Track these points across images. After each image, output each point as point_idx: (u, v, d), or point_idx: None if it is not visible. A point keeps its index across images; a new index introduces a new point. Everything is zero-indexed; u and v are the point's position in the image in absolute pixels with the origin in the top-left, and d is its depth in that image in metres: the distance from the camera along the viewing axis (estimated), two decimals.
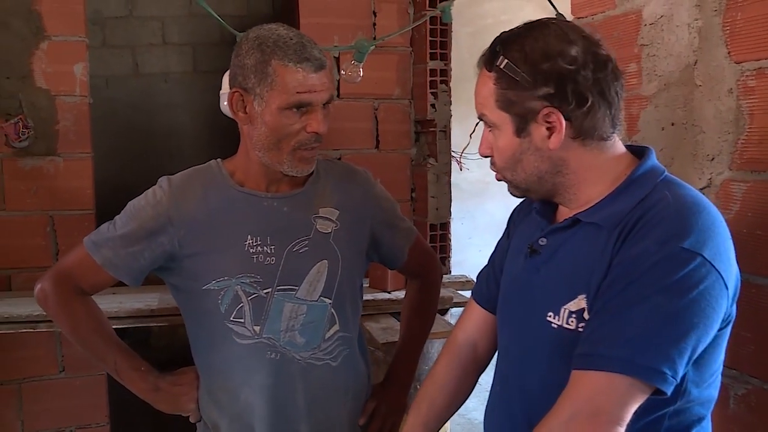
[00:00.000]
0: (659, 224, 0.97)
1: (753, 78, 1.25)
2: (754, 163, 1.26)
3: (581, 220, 1.07)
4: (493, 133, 1.10)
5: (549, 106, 1.02)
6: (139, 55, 3.47)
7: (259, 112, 1.33)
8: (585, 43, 1.03)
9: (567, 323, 1.03)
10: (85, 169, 2.27)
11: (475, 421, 3.80)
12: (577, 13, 1.69)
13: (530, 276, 1.12)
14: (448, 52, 2.50)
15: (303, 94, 1.31)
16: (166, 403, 1.47)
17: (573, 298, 1.03)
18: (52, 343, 2.27)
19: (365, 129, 2.54)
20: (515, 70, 1.02)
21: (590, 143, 1.05)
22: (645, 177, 1.05)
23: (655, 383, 0.93)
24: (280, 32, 1.33)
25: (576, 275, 1.03)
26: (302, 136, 1.34)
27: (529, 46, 1.03)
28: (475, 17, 4.41)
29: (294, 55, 1.30)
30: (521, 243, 1.19)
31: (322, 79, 1.32)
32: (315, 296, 1.42)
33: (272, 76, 1.30)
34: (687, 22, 1.38)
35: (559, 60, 1.01)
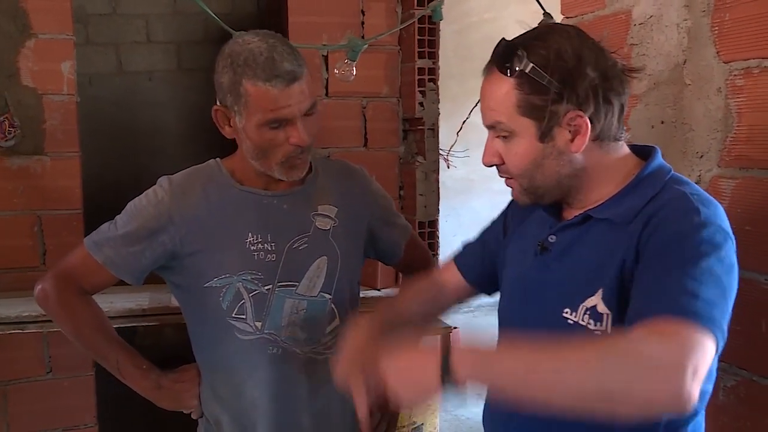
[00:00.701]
0: (688, 209, 0.99)
1: (741, 77, 1.28)
2: (742, 160, 1.28)
3: (593, 216, 1.08)
4: (507, 140, 1.08)
5: (574, 109, 1.02)
6: (123, 53, 3.44)
7: (241, 127, 1.35)
8: (597, 46, 1.06)
9: (582, 320, 1.04)
10: (72, 169, 2.25)
11: (462, 418, 3.83)
12: (566, 12, 1.71)
13: (541, 274, 1.13)
14: (436, 51, 2.51)
15: (277, 111, 1.30)
16: (168, 401, 1.48)
17: (591, 294, 1.04)
18: (39, 344, 2.25)
19: (353, 127, 2.55)
20: (541, 74, 1.01)
21: (606, 145, 1.07)
22: (653, 175, 1.07)
23: (719, 341, 0.90)
24: (251, 47, 1.31)
25: (593, 271, 1.04)
26: (286, 148, 1.34)
27: (552, 49, 1.02)
28: (460, 15, 4.43)
29: (263, 73, 1.29)
30: (525, 242, 1.20)
31: (296, 91, 1.31)
32: (315, 292, 1.44)
33: (245, 96, 1.31)
34: (676, 22, 1.40)
35: (585, 65, 1.02)
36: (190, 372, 1.50)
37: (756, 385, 1.26)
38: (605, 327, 1.03)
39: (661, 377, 0.84)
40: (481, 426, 1.27)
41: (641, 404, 0.86)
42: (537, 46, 1.03)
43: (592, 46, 1.05)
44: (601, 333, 1.03)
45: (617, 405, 0.86)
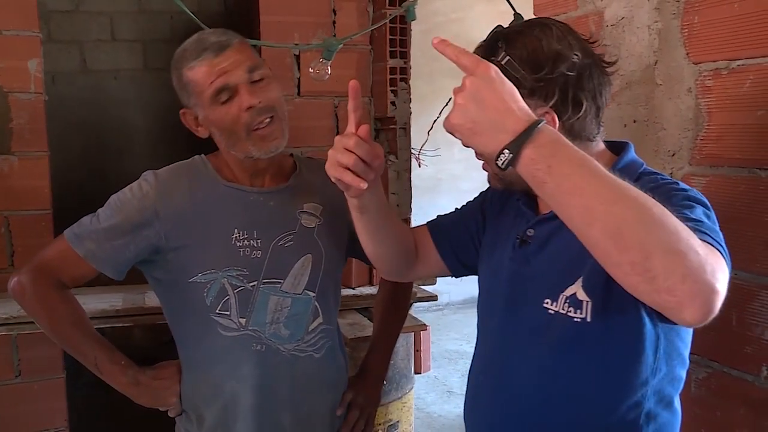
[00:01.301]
0: (667, 181, 1.02)
1: (710, 78, 1.33)
2: (712, 158, 1.33)
3: None
4: None
5: (544, 107, 1.04)
6: (87, 51, 3.38)
7: (203, 118, 1.39)
8: (583, 47, 1.07)
9: (562, 308, 1.06)
10: (41, 168, 2.21)
11: (434, 415, 3.86)
12: (539, 13, 1.74)
13: (519, 267, 1.15)
14: (407, 50, 2.53)
15: (215, 81, 1.34)
16: (147, 397, 1.47)
17: (570, 283, 1.06)
18: (7, 346, 2.19)
19: (326, 126, 2.55)
20: (516, 68, 1.02)
21: (578, 144, 1.05)
22: (626, 169, 1.09)
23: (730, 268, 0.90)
24: (184, 45, 1.40)
25: (572, 261, 1.06)
26: (244, 116, 1.36)
27: (531, 45, 1.04)
28: (427, 15, 4.47)
29: (192, 53, 1.36)
30: (501, 237, 1.22)
31: (229, 59, 1.35)
32: (299, 289, 1.45)
33: (190, 84, 1.37)
34: (647, 24, 1.44)
35: (560, 64, 1.03)
36: (170, 369, 1.49)
37: (726, 377, 1.31)
38: (585, 314, 1.04)
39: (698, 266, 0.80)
40: (453, 423, 1.28)
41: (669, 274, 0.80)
42: (517, 40, 1.05)
43: (575, 45, 1.06)
44: (580, 320, 1.05)
45: (646, 261, 0.80)
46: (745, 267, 1.26)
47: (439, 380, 4.59)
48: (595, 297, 1.04)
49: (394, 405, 2.27)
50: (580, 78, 1.05)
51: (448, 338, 5.35)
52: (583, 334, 1.05)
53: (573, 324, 1.05)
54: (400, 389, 2.30)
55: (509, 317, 1.16)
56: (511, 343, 1.16)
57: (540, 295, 1.10)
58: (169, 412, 1.51)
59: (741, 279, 1.27)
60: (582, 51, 1.06)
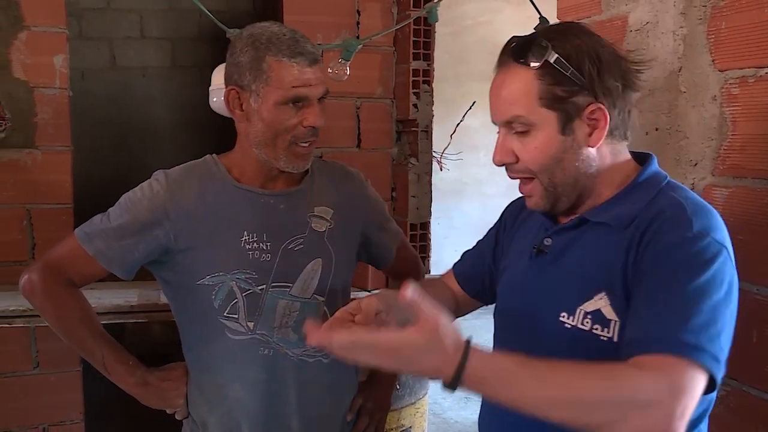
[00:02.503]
0: (681, 220, 1.00)
1: (736, 86, 1.28)
2: (736, 169, 1.29)
3: (589, 219, 1.08)
4: (524, 136, 1.07)
5: (595, 102, 1.04)
6: (116, 48, 3.42)
7: (255, 108, 1.35)
8: (609, 44, 1.09)
9: (582, 324, 1.04)
10: (63, 163, 2.23)
11: (450, 421, 3.83)
12: (562, 17, 1.71)
13: (536, 277, 1.13)
14: (431, 53, 2.50)
15: (299, 89, 1.32)
16: (154, 399, 1.46)
17: (590, 298, 1.04)
18: (26, 338, 2.22)
19: (347, 127, 2.54)
20: (566, 65, 1.03)
21: (616, 142, 1.09)
22: (649, 181, 1.08)
23: (716, 374, 0.94)
24: (273, 29, 1.35)
25: (591, 275, 1.04)
26: (299, 130, 1.35)
27: (573, 43, 1.05)
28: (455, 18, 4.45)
29: (288, 50, 1.32)
30: (523, 245, 1.20)
31: (316, 73, 1.34)
32: (308, 294, 1.43)
33: (267, 72, 1.32)
34: (672, 30, 1.41)
35: (603, 56, 1.04)
36: (178, 370, 1.48)
37: (746, 396, 1.27)
38: (612, 334, 1.02)
39: (651, 418, 0.89)
40: (470, 429, 1.27)
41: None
42: (560, 39, 1.05)
43: (606, 44, 1.08)
44: (607, 339, 1.03)
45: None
46: (767, 282, 1.22)
47: None
48: (622, 318, 1.02)
49: (406, 410, 2.24)
50: (624, 74, 1.07)
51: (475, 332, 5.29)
52: (608, 353, 1.02)
53: (599, 342, 1.03)
54: (413, 394, 2.27)
55: (525, 328, 1.15)
56: (527, 353, 1.13)
57: (555, 308, 1.08)
58: (176, 415, 1.51)
59: (762, 295, 1.23)
60: (616, 53, 1.08)
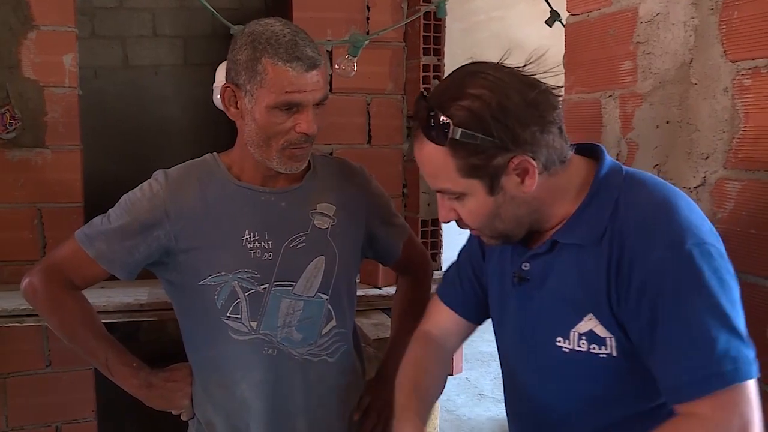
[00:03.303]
0: (655, 232, 0.98)
1: (748, 77, 1.25)
2: (748, 162, 1.25)
3: (558, 241, 1.07)
4: (459, 200, 1.06)
5: (516, 155, 1.00)
6: (129, 47, 3.43)
7: (249, 108, 1.32)
8: (516, 80, 1.01)
9: (578, 345, 1.04)
10: (74, 162, 2.24)
11: (463, 418, 3.81)
12: (572, 9, 1.68)
13: (524, 303, 1.13)
14: (441, 48, 2.49)
15: (292, 94, 1.29)
16: (158, 400, 1.45)
17: (580, 320, 1.04)
18: (38, 337, 2.24)
19: (357, 124, 2.53)
20: (472, 135, 0.98)
21: (554, 171, 1.04)
22: (608, 180, 1.06)
23: (753, 374, 0.94)
24: (274, 29, 1.31)
25: (576, 297, 1.04)
26: (291, 135, 1.32)
27: (473, 105, 0.98)
28: (467, 13, 4.41)
29: (285, 53, 1.28)
30: (500, 269, 1.19)
31: (313, 79, 1.30)
32: (312, 292, 1.42)
33: (262, 74, 1.29)
34: (683, 20, 1.37)
35: (508, 107, 0.98)
36: (182, 371, 1.47)
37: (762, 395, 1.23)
38: (610, 350, 1.03)
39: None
40: (483, 426, 1.27)
41: None
42: (457, 107, 0.99)
43: (513, 83, 1.00)
44: (607, 356, 1.03)
45: None
46: None
47: (470, 382, 4.53)
48: (616, 333, 1.02)
49: None
50: (536, 109, 1.00)
51: (482, 339, 5.23)
52: (610, 369, 1.04)
53: (599, 360, 1.04)
54: None
55: (528, 358, 1.15)
56: (531, 376, 1.15)
57: (550, 334, 1.08)
58: (181, 416, 1.49)
59: None
60: (518, 85, 1.01)
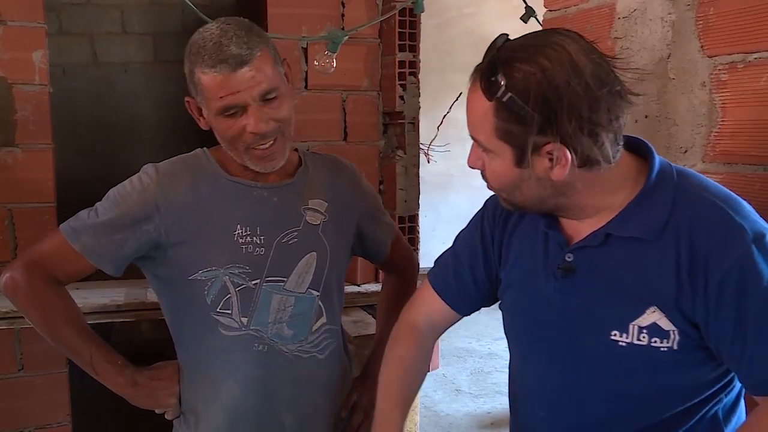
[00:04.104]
0: (727, 229, 0.97)
1: (725, 72, 1.27)
2: (726, 155, 1.28)
3: (613, 234, 1.04)
4: (487, 154, 1.03)
5: (554, 142, 0.96)
6: (97, 44, 3.37)
7: (207, 118, 1.34)
8: (594, 67, 0.96)
9: (638, 339, 1.02)
10: (45, 161, 2.19)
11: (441, 414, 3.83)
12: (549, 5, 1.69)
13: (571, 297, 1.09)
14: (417, 44, 2.49)
15: (226, 98, 1.27)
16: (144, 399, 1.41)
17: (641, 313, 1.02)
18: (10, 340, 2.19)
19: (333, 120, 2.52)
20: (519, 104, 0.94)
21: (596, 169, 1.00)
22: (661, 179, 1.04)
23: None
24: (204, 35, 1.29)
25: (636, 290, 1.02)
26: (246, 137, 1.31)
27: (536, 74, 0.94)
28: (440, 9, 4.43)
29: (209, 59, 1.26)
30: (529, 262, 1.15)
31: (246, 76, 1.26)
32: (303, 288, 1.41)
33: (198, 85, 1.30)
34: (660, 16, 1.39)
35: (567, 94, 0.93)
36: (168, 369, 1.44)
37: None
38: (672, 343, 1.01)
39: None
40: (461, 422, 1.26)
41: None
42: (520, 69, 0.94)
43: (587, 69, 0.95)
44: (667, 350, 1.02)
45: None
46: None
47: (447, 378, 4.55)
48: (680, 327, 1.01)
49: None
50: (588, 105, 0.94)
51: (458, 336, 5.29)
52: (668, 364, 1.02)
53: (659, 354, 1.02)
54: None
55: (566, 354, 1.10)
56: (576, 377, 1.10)
57: (604, 327, 1.04)
58: (166, 415, 1.47)
59: None
60: (593, 72, 0.95)
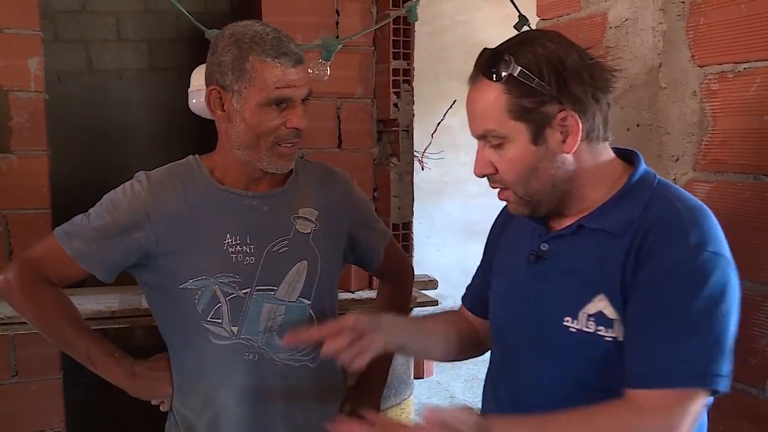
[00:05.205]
0: (675, 233, 1.00)
1: (715, 81, 1.29)
2: (717, 164, 1.29)
3: (585, 226, 1.08)
4: (499, 148, 1.07)
5: (564, 109, 1.03)
6: (92, 51, 3.38)
7: (237, 109, 1.32)
8: (578, 48, 1.07)
9: (586, 326, 1.05)
10: (40, 167, 2.19)
11: None
12: (542, 14, 1.71)
13: (537, 283, 1.13)
14: (411, 52, 2.50)
15: (282, 90, 1.30)
16: (142, 389, 1.44)
17: (590, 300, 1.05)
18: (4, 346, 2.19)
19: (327, 128, 2.52)
20: (530, 76, 1.02)
21: (595, 145, 1.08)
22: (642, 183, 1.08)
23: (721, 387, 0.97)
24: (256, 28, 1.32)
25: (589, 277, 1.05)
26: (282, 131, 1.33)
27: (538, 52, 1.03)
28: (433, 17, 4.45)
29: (272, 50, 1.29)
30: (516, 254, 1.19)
31: (300, 74, 1.32)
32: (294, 297, 1.41)
33: (251, 73, 1.29)
34: (652, 26, 1.41)
35: (568, 63, 1.03)
36: (164, 360, 1.46)
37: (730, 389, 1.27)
38: (616, 333, 1.04)
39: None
40: None
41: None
42: (523, 51, 1.04)
43: (574, 48, 1.06)
44: (612, 340, 1.04)
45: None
46: (749, 276, 1.22)
47: (441, 385, 4.55)
48: (621, 317, 1.03)
49: (392, 411, 2.24)
50: (592, 77, 1.05)
51: None
52: (613, 354, 1.04)
53: (604, 343, 1.05)
54: (398, 395, 2.27)
55: (528, 337, 1.15)
56: (532, 359, 1.14)
57: (560, 313, 1.09)
58: (161, 406, 1.48)
59: (745, 288, 1.22)
60: (582, 51, 1.06)
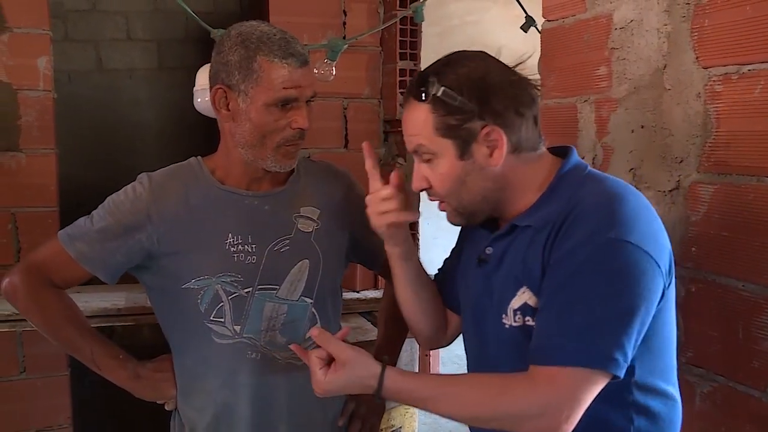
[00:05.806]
0: (586, 219, 1.04)
1: (720, 83, 1.29)
2: (720, 165, 1.29)
3: (517, 225, 1.14)
4: (431, 163, 1.13)
5: (488, 124, 1.08)
6: (102, 50, 3.40)
7: (243, 108, 1.33)
8: (502, 66, 1.13)
9: (515, 321, 1.11)
10: (48, 166, 2.22)
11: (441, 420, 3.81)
12: (547, 15, 1.71)
13: (483, 284, 1.19)
14: (417, 53, 2.51)
15: (289, 90, 1.31)
16: (147, 391, 1.45)
17: (515, 295, 1.10)
18: (12, 343, 2.21)
19: (334, 128, 2.54)
20: (453, 95, 1.08)
21: (524, 155, 1.13)
22: (569, 176, 1.13)
23: (610, 370, 0.99)
24: (263, 29, 1.34)
25: (517, 274, 1.11)
26: (287, 132, 1.34)
27: (460, 72, 1.09)
28: (442, 18, 4.44)
29: (279, 50, 1.31)
30: (470, 254, 1.25)
31: (306, 75, 1.33)
32: (296, 296, 1.42)
33: (258, 72, 1.30)
34: (656, 27, 1.41)
35: (489, 81, 1.09)
36: (168, 361, 1.47)
37: (732, 392, 1.27)
38: None
39: (540, 427, 1.01)
40: (461, 429, 1.30)
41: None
42: (447, 72, 1.10)
43: (498, 66, 1.12)
44: None
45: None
46: (752, 278, 1.22)
47: None
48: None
49: (396, 410, 2.24)
50: (514, 92, 1.11)
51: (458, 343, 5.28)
52: None
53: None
54: None
55: (478, 335, 1.22)
56: (485, 358, 1.21)
57: (498, 312, 1.14)
58: (166, 405, 1.50)
59: (748, 291, 1.23)
60: (506, 68, 1.12)
